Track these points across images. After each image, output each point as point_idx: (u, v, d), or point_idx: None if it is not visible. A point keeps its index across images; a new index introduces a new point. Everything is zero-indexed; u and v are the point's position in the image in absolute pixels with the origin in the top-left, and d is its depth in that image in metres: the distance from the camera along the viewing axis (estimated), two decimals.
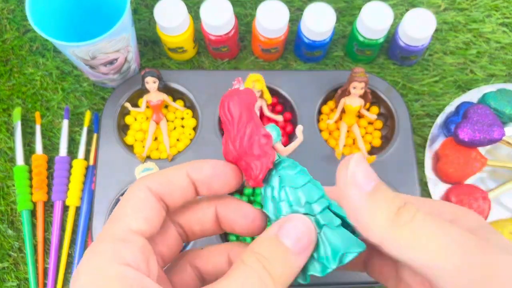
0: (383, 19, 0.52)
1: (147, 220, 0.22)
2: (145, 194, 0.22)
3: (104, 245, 0.20)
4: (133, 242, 0.21)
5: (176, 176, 0.23)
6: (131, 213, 0.22)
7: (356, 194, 0.20)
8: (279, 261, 0.20)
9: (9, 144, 0.55)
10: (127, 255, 0.20)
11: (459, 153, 0.51)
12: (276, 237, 0.21)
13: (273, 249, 0.20)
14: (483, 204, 0.50)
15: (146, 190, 0.22)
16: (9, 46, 0.59)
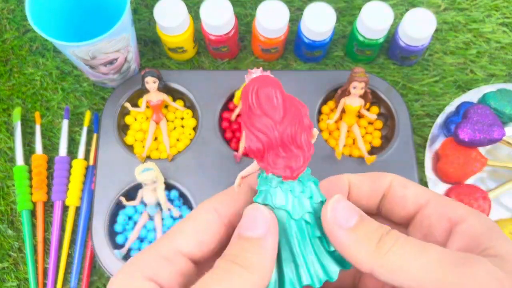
0: (383, 19, 0.52)
1: (201, 244, 0.21)
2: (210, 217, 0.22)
3: (145, 258, 0.20)
4: (175, 263, 0.20)
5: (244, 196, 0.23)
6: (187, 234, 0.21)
7: (339, 232, 0.21)
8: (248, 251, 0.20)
9: (9, 144, 0.55)
10: (162, 274, 0.20)
11: (459, 153, 0.51)
12: (238, 235, 0.21)
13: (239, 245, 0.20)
14: (483, 204, 0.50)
15: (213, 213, 0.22)
16: (9, 46, 0.59)
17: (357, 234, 0.21)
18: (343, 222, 0.21)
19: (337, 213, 0.21)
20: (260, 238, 0.20)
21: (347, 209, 0.21)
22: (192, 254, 0.21)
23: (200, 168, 0.52)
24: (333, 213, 0.21)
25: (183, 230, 0.21)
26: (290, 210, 0.21)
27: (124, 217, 0.51)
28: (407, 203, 0.24)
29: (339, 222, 0.21)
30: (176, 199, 0.52)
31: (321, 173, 0.55)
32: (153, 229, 0.51)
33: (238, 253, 0.20)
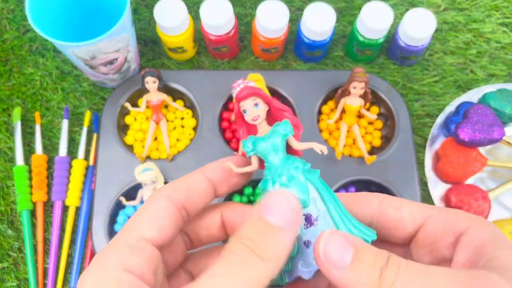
0: (383, 19, 0.52)
1: (161, 228, 0.22)
2: (164, 203, 0.22)
3: (113, 250, 0.21)
4: (142, 250, 0.21)
5: (195, 181, 0.24)
6: (147, 221, 0.22)
7: (336, 272, 0.20)
8: (267, 240, 0.20)
9: (9, 144, 0.55)
10: (133, 262, 0.20)
11: (459, 153, 0.51)
12: (259, 217, 0.20)
13: (259, 229, 0.20)
14: (483, 204, 0.50)
15: (166, 199, 0.23)
16: (9, 46, 0.59)
17: (355, 273, 0.19)
18: (338, 261, 0.20)
19: (330, 252, 0.20)
20: (283, 229, 0.20)
21: (339, 245, 0.20)
22: (155, 240, 0.22)
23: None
24: (326, 252, 0.20)
25: (142, 219, 0.22)
26: None
27: (124, 217, 0.51)
28: (405, 225, 0.23)
29: (333, 262, 0.20)
30: None
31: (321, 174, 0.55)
32: None
33: (256, 240, 0.20)
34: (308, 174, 0.24)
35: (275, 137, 0.23)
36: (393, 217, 0.23)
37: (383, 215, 0.24)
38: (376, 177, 0.52)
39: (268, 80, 0.54)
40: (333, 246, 0.20)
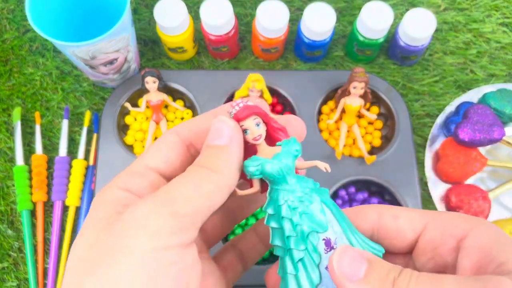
0: (383, 19, 0.52)
1: (166, 159, 0.23)
2: (171, 137, 0.23)
3: (119, 176, 0.23)
4: (143, 175, 0.22)
5: (204, 120, 0.24)
6: (152, 152, 0.23)
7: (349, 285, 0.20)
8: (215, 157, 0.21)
9: (9, 144, 0.55)
10: (132, 183, 0.22)
11: (459, 153, 0.51)
12: (206, 145, 0.22)
13: (206, 152, 0.22)
14: (483, 204, 0.50)
15: (174, 134, 0.24)
16: (9, 46, 0.59)
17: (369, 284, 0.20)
18: (351, 275, 0.20)
19: (344, 266, 0.21)
20: (226, 145, 0.22)
21: (353, 259, 0.21)
22: (160, 169, 0.23)
23: None
24: (340, 266, 0.21)
25: (150, 151, 0.23)
26: None
27: None
28: (405, 234, 0.23)
29: (348, 276, 0.20)
30: None
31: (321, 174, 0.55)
32: None
33: (205, 159, 0.21)
34: (321, 195, 0.23)
35: (286, 158, 0.23)
36: (392, 228, 0.23)
37: (382, 227, 0.24)
38: (376, 177, 0.52)
39: (268, 80, 0.54)
40: (347, 260, 0.21)
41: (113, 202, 0.21)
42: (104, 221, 0.20)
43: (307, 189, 0.23)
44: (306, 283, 0.22)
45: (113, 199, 0.21)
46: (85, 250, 0.20)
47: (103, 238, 0.19)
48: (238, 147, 0.22)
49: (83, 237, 0.20)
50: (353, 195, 0.52)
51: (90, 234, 0.20)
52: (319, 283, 0.22)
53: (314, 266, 0.22)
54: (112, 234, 0.19)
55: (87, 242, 0.20)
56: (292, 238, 0.22)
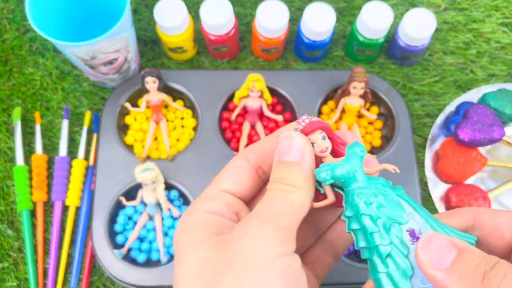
0: (383, 19, 0.52)
1: (237, 182, 0.25)
2: (240, 162, 0.26)
3: (197, 201, 0.25)
4: (220, 198, 0.24)
5: (268, 143, 0.26)
6: (225, 177, 0.25)
7: (436, 273, 0.20)
8: (291, 173, 0.23)
9: (9, 144, 0.55)
10: (212, 206, 0.24)
11: (459, 153, 0.51)
12: (279, 161, 0.24)
13: (281, 168, 0.23)
14: (483, 204, 0.50)
15: (242, 159, 0.26)
16: (9, 46, 0.59)
17: (456, 274, 0.19)
18: (437, 263, 0.20)
19: (430, 254, 0.20)
20: (299, 162, 0.23)
21: (441, 247, 0.20)
22: (233, 191, 0.25)
23: (200, 168, 0.52)
24: (425, 254, 0.20)
25: (221, 176, 0.25)
26: None
27: (124, 217, 0.51)
28: (502, 232, 0.23)
29: (433, 264, 0.20)
30: (176, 199, 0.52)
31: None
32: (153, 229, 0.51)
33: (283, 175, 0.23)
34: (396, 191, 0.24)
35: (353, 159, 0.24)
36: (488, 224, 0.23)
37: (478, 223, 0.24)
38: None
39: (268, 80, 0.54)
40: (433, 247, 0.20)
41: (205, 224, 0.23)
42: (210, 242, 0.22)
43: (379, 185, 0.24)
44: (399, 277, 0.22)
45: (203, 222, 0.23)
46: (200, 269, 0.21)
47: (218, 255, 0.21)
48: (311, 161, 0.24)
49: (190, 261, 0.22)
50: None
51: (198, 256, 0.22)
52: (412, 274, 0.22)
53: (403, 258, 0.22)
54: (227, 251, 0.21)
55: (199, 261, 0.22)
56: (376, 233, 0.23)
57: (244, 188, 0.25)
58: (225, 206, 0.24)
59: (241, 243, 0.21)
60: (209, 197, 0.25)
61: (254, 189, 0.26)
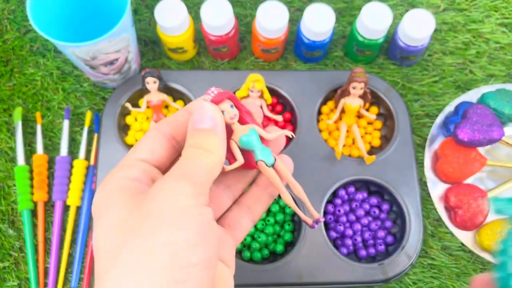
0: (382, 19, 0.52)
1: (151, 151, 0.26)
2: (153, 133, 0.27)
3: (114, 170, 0.25)
4: (135, 166, 0.25)
5: (179, 115, 0.27)
6: (138, 147, 0.26)
7: None
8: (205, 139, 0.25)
9: (10, 144, 0.55)
10: (129, 173, 0.25)
11: (458, 153, 0.51)
12: (193, 129, 0.25)
13: (196, 135, 0.25)
14: (482, 203, 0.50)
15: (154, 130, 0.27)
16: (10, 46, 0.59)
17: None
18: None
19: None
20: (212, 128, 0.25)
21: None
22: (148, 160, 0.26)
23: None
24: None
25: (136, 147, 0.26)
26: None
27: None
28: None
29: None
30: None
31: (321, 173, 0.55)
32: None
33: (197, 141, 0.25)
34: None
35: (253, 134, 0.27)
36: None
37: None
38: (376, 177, 0.52)
39: (268, 80, 0.54)
40: None
41: (121, 188, 0.24)
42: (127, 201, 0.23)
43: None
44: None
45: (120, 187, 0.24)
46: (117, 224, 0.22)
47: (137, 210, 0.22)
48: (222, 127, 0.26)
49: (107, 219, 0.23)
50: (353, 194, 0.53)
51: (117, 212, 0.23)
52: None
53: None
54: (146, 204, 0.22)
55: (116, 217, 0.22)
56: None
57: (159, 157, 0.26)
58: (141, 173, 0.25)
59: (156, 197, 0.22)
60: (124, 166, 0.25)
61: (168, 158, 0.27)
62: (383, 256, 0.51)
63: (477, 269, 0.52)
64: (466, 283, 0.51)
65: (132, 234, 0.21)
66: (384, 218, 0.52)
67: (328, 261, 0.49)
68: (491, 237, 0.49)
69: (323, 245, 0.49)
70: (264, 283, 0.48)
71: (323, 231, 0.50)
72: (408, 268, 0.50)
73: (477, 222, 0.50)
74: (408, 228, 0.50)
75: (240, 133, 0.27)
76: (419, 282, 0.51)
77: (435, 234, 0.53)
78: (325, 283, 0.48)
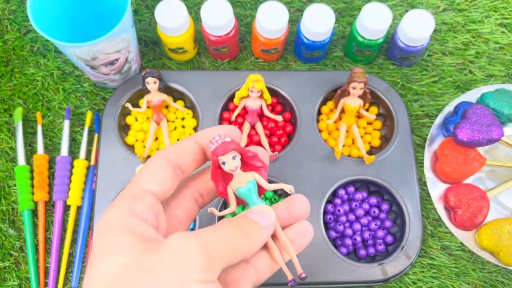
0: (382, 19, 0.52)
1: (160, 182, 0.25)
2: (160, 162, 0.26)
3: (119, 200, 0.25)
4: (144, 199, 0.25)
5: (187, 145, 0.27)
6: (147, 176, 0.26)
7: None
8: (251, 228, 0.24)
9: (11, 144, 0.55)
10: (137, 207, 0.24)
11: (458, 153, 0.52)
12: (245, 215, 0.25)
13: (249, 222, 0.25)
14: (481, 203, 0.50)
15: (162, 159, 0.26)
16: (10, 46, 0.59)
17: None
18: None
19: None
20: (265, 227, 0.25)
21: None
22: (155, 191, 0.25)
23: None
24: None
25: (142, 175, 0.26)
26: None
27: None
28: None
29: None
30: None
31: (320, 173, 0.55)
32: None
33: (247, 225, 0.24)
34: None
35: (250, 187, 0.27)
36: None
37: None
38: (375, 177, 0.52)
39: (268, 80, 0.54)
40: None
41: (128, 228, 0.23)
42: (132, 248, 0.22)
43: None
44: None
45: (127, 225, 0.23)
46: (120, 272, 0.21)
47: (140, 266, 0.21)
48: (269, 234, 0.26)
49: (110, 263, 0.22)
50: (352, 194, 0.53)
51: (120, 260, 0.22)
52: None
53: None
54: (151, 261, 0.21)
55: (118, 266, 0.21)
56: None
57: (166, 189, 0.26)
58: (149, 209, 0.24)
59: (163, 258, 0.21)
60: (133, 197, 0.25)
61: (172, 188, 0.26)
62: (382, 256, 0.51)
63: (476, 269, 0.52)
64: (465, 282, 0.51)
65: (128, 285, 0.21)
66: (383, 218, 0.52)
67: (327, 261, 0.49)
68: (491, 237, 0.49)
69: (322, 245, 0.49)
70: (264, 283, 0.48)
71: (322, 231, 0.50)
72: (407, 268, 0.50)
73: (477, 222, 0.50)
74: (408, 228, 0.50)
75: (238, 183, 0.27)
76: (418, 282, 0.51)
77: (434, 234, 0.53)
78: (324, 283, 0.48)
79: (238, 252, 0.23)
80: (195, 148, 0.27)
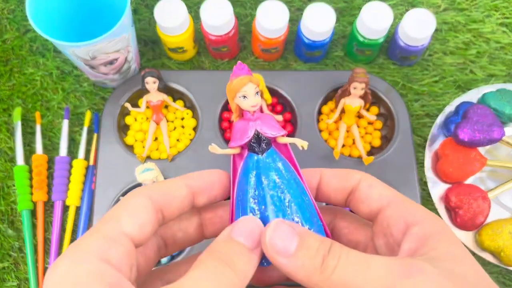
0: (383, 19, 0.52)
1: (141, 226, 0.22)
2: (145, 202, 0.23)
3: (92, 240, 0.21)
4: (121, 244, 0.21)
5: (175, 186, 0.24)
6: (127, 216, 0.22)
7: (281, 260, 0.21)
8: (237, 257, 0.21)
9: (9, 144, 0.55)
10: (113, 254, 0.20)
11: (458, 153, 0.51)
12: (230, 236, 0.22)
13: (229, 246, 0.22)
14: (482, 203, 0.50)
15: (146, 198, 0.23)
16: (9, 46, 0.59)
17: (299, 260, 0.21)
18: (282, 250, 0.21)
19: (276, 241, 0.21)
20: (252, 248, 0.22)
21: (286, 234, 0.21)
22: (133, 236, 0.21)
23: (200, 168, 0.51)
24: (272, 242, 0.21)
25: (121, 213, 0.22)
26: None
27: None
28: (371, 203, 0.25)
29: (279, 250, 0.21)
30: None
31: None
32: None
33: (227, 254, 0.21)
34: None
35: None
36: (364, 192, 0.26)
37: (358, 189, 0.26)
38: (376, 177, 0.52)
39: (268, 80, 0.54)
40: (279, 234, 0.22)
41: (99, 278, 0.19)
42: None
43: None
44: None
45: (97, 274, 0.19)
46: None
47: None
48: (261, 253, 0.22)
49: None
50: None
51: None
52: None
53: None
54: None
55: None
56: None
57: (145, 233, 0.22)
58: (125, 257, 0.20)
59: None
60: (108, 239, 0.21)
61: (151, 234, 0.22)
62: None
63: None
64: None
65: None
66: None
67: None
68: (492, 237, 0.49)
69: None
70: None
71: None
72: None
73: (478, 222, 0.50)
74: None
75: None
76: None
77: None
78: None
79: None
80: (183, 191, 0.24)
